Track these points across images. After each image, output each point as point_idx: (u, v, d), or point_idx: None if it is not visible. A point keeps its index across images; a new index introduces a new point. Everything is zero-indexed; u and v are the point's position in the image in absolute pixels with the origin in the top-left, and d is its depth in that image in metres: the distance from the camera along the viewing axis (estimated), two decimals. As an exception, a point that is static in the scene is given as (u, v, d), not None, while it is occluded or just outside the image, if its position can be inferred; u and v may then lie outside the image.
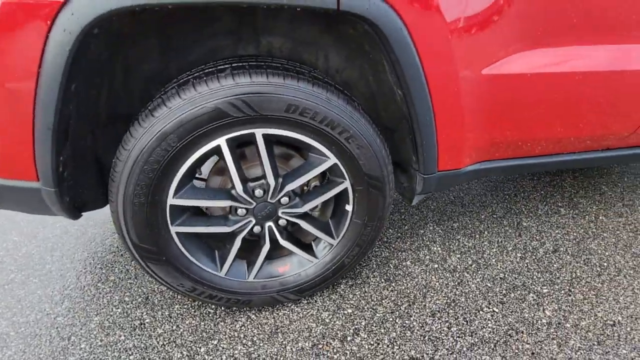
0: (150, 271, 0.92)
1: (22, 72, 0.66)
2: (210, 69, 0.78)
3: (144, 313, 1.09)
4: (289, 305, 1.11)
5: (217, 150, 0.82)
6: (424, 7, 0.75)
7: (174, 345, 0.99)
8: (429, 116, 0.88)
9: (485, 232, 1.42)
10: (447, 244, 1.36)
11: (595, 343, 0.99)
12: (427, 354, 0.96)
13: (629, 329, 1.03)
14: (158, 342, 1.00)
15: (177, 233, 0.91)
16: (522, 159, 1.11)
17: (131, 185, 0.79)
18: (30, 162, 0.76)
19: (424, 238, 1.39)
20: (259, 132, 0.81)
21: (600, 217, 1.51)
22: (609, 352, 0.97)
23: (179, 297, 1.13)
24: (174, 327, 1.04)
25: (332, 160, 0.89)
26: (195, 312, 1.09)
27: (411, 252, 1.32)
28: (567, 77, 0.94)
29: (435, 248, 1.34)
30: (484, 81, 0.87)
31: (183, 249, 0.93)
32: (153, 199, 0.83)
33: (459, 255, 1.30)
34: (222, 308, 1.09)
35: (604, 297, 1.13)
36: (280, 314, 1.08)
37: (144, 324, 1.05)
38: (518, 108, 0.96)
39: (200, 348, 0.98)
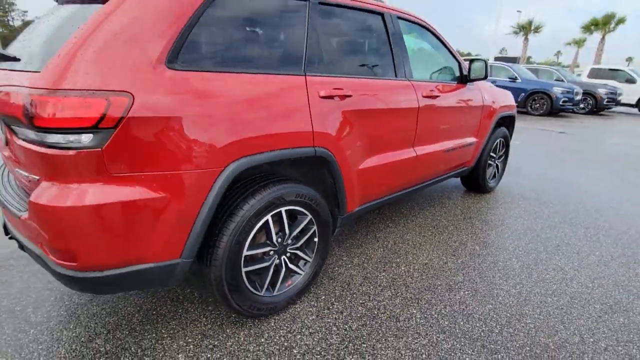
0: (232, 300, 1.61)
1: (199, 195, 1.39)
2: (260, 185, 1.64)
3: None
4: (289, 307, 1.92)
5: (265, 222, 1.66)
6: (339, 157, 1.90)
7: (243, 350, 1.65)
8: (343, 188, 2.00)
9: (362, 244, 2.62)
10: (348, 254, 2.47)
11: (423, 273, 2.27)
12: (366, 301, 1.99)
13: (430, 263, 2.38)
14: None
15: (245, 272, 1.65)
16: (379, 199, 2.40)
17: (231, 249, 1.53)
18: (181, 244, 1.41)
19: (337, 254, 2.46)
20: (283, 209, 1.72)
21: (405, 223, 2.99)
22: (429, 275, 2.26)
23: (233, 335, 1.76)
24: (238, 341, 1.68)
25: (309, 216, 1.86)
26: (251, 338, 1.75)
27: (333, 262, 2.35)
28: (387, 164, 2.27)
29: (344, 258, 2.42)
30: (360, 170, 2.09)
31: (247, 282, 1.66)
32: (239, 253, 1.58)
33: (356, 258, 2.43)
34: (249, 331, 1.80)
35: (418, 255, 2.48)
36: (285, 314, 1.88)
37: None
38: (373, 179, 2.22)
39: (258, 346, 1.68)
